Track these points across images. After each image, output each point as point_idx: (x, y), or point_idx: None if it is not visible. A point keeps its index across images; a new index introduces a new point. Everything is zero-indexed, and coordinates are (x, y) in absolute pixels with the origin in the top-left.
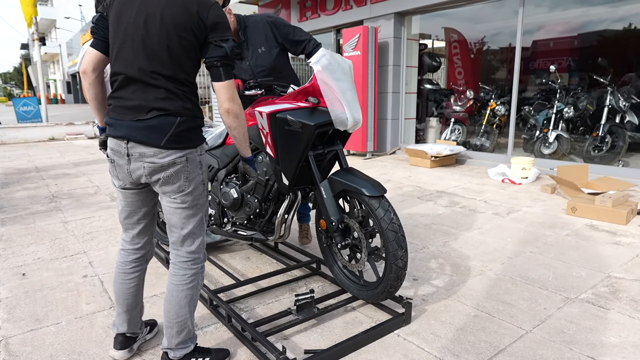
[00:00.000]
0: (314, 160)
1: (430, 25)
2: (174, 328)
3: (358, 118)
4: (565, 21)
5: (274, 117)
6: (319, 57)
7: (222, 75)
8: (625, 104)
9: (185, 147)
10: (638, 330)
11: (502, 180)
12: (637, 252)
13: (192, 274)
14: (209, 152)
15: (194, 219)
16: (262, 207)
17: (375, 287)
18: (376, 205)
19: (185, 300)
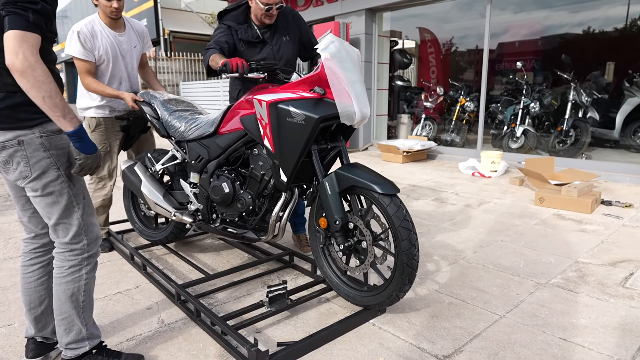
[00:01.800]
0: (318, 155)
1: (401, 23)
2: (61, 326)
3: (366, 113)
4: (530, 24)
5: (274, 107)
6: (327, 43)
7: (6, 25)
8: (587, 99)
9: (13, 127)
10: (606, 311)
11: (472, 174)
12: (602, 238)
13: (71, 266)
14: (197, 142)
15: (56, 207)
16: (255, 204)
17: (381, 292)
18: (388, 202)
19: (65, 295)
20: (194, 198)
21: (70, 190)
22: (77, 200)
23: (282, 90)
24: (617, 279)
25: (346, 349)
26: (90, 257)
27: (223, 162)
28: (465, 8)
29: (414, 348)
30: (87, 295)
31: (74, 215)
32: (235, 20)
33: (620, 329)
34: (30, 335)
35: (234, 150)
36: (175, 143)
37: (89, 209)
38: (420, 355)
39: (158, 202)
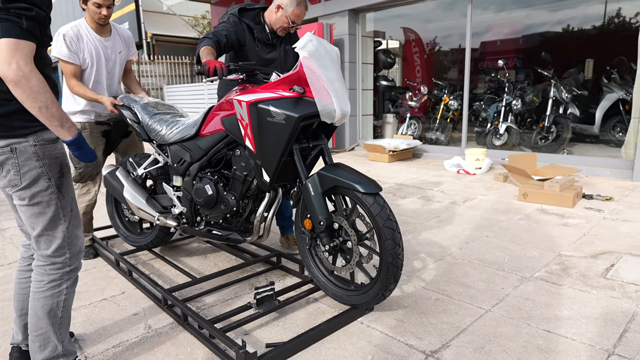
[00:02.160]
0: (299, 155)
1: (384, 23)
2: (35, 342)
3: (346, 110)
4: (511, 23)
5: (254, 107)
6: (305, 42)
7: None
8: (567, 95)
9: (7, 135)
10: (588, 302)
11: (457, 171)
12: (583, 231)
13: (51, 281)
14: (179, 144)
15: (41, 218)
16: (239, 205)
17: (367, 291)
18: (371, 202)
19: (43, 311)
20: (177, 201)
21: (58, 202)
22: (64, 212)
23: (261, 90)
24: (598, 270)
25: (335, 347)
26: (71, 272)
27: (205, 164)
28: (448, 8)
29: (402, 345)
30: (66, 310)
31: (59, 227)
32: (253, 20)
33: (602, 319)
34: (16, 343)
35: (216, 152)
36: (157, 146)
37: (75, 221)
38: (408, 352)
39: (141, 207)
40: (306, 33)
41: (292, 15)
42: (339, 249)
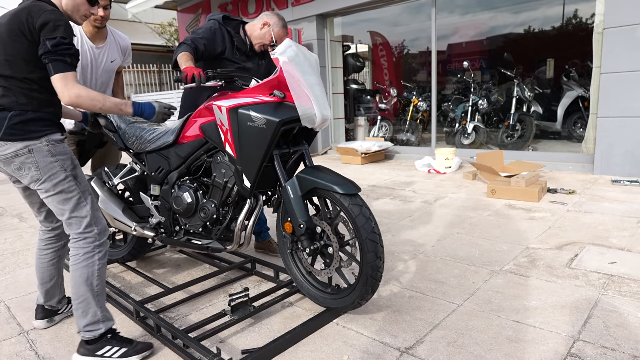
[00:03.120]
0: (280, 160)
1: (352, 27)
2: (79, 309)
3: (327, 115)
4: (476, 25)
5: (234, 112)
6: (285, 47)
7: (51, 70)
8: (529, 94)
9: (24, 138)
10: (554, 292)
11: (428, 171)
12: (549, 224)
13: (85, 253)
14: (157, 153)
15: (67, 203)
16: (219, 213)
17: (344, 297)
18: (349, 203)
19: (82, 279)
20: (155, 211)
21: (77, 188)
22: (84, 196)
23: (241, 95)
24: (563, 261)
25: (311, 350)
26: (101, 245)
27: (184, 172)
28: (415, 11)
29: (377, 343)
30: (100, 280)
31: (84, 209)
32: (234, 29)
33: (567, 307)
34: (40, 303)
35: (195, 159)
36: (134, 155)
37: (95, 204)
38: (383, 350)
39: (117, 217)
40: (285, 39)
41: (277, 35)
42: (320, 251)
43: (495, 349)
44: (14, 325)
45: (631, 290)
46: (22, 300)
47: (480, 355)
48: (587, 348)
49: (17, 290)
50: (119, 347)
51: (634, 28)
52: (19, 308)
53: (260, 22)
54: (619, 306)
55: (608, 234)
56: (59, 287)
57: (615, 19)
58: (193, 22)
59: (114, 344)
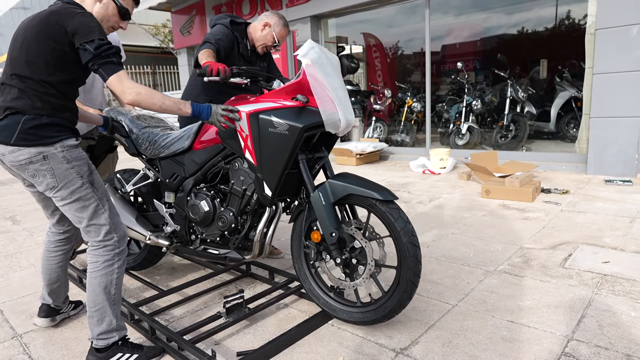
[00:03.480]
0: (306, 165)
1: (347, 29)
2: (94, 317)
3: (351, 119)
4: (470, 26)
5: (255, 118)
6: (307, 49)
7: (104, 75)
8: (523, 95)
9: (38, 144)
10: (548, 291)
11: (423, 172)
12: (543, 224)
13: (105, 261)
14: (171, 159)
15: (85, 211)
16: (237, 222)
17: (378, 307)
18: (391, 212)
19: (100, 287)
20: (170, 219)
21: (95, 195)
22: (102, 202)
23: (262, 100)
24: (557, 260)
25: (306, 351)
26: (120, 253)
27: (200, 179)
28: (409, 13)
29: (373, 344)
30: (117, 289)
31: (102, 216)
32: (240, 35)
33: (561, 307)
34: (47, 302)
35: (212, 166)
36: (147, 161)
37: (113, 210)
38: (378, 351)
39: (130, 226)
40: (307, 40)
41: (278, 35)
42: (349, 262)
43: (490, 349)
44: (7, 329)
45: (624, 289)
46: (15, 304)
47: (475, 356)
48: (581, 347)
49: (10, 293)
50: (130, 354)
51: (626, 29)
52: (12, 312)
53: (260, 23)
54: (612, 305)
55: (601, 233)
56: (64, 287)
57: (607, 20)
58: (187, 23)
59: (125, 351)
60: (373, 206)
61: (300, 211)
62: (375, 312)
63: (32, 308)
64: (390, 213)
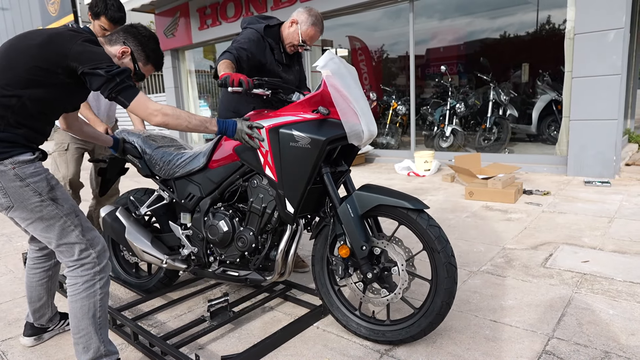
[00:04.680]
0: (331, 178)
1: (332, 32)
2: (79, 344)
3: (374, 130)
4: (454, 30)
5: (275, 132)
6: (326, 60)
7: (125, 102)
8: (505, 98)
9: None
10: (530, 291)
11: (407, 174)
12: (525, 225)
13: (85, 282)
14: (187, 178)
15: (51, 231)
16: (258, 241)
17: (408, 326)
18: (426, 226)
19: (82, 312)
20: (186, 241)
21: (59, 212)
22: (70, 219)
23: (281, 114)
24: (538, 260)
25: (291, 354)
26: (102, 271)
27: (217, 198)
28: (394, 16)
29: (358, 346)
30: (102, 311)
31: (71, 234)
32: (274, 39)
33: (542, 306)
34: (30, 321)
35: (230, 184)
36: (161, 182)
37: (86, 224)
38: (363, 352)
39: (146, 250)
40: (327, 51)
41: (305, 34)
42: (379, 277)
43: (473, 348)
44: None
45: (603, 287)
46: None
47: (459, 355)
48: (562, 345)
49: None
50: None
51: (603, 34)
52: None
53: (289, 20)
54: (591, 304)
55: (581, 233)
56: (49, 307)
57: (586, 25)
58: (171, 25)
59: None
60: (404, 217)
61: (324, 226)
62: (405, 331)
63: (9, 315)
64: (431, 231)
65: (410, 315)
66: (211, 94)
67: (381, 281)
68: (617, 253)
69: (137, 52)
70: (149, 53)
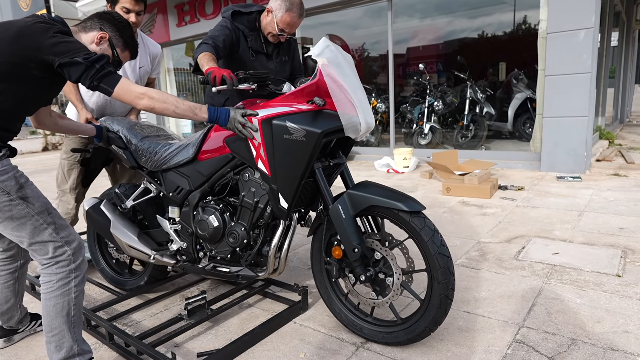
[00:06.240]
0: (322, 175)
1: (312, 30)
2: (52, 343)
3: (371, 122)
4: (433, 29)
5: (268, 124)
6: (322, 47)
7: (108, 89)
8: (481, 96)
9: None
10: (502, 283)
11: (387, 171)
12: (499, 219)
13: (60, 279)
14: (175, 170)
15: (22, 230)
16: (250, 237)
17: (410, 325)
18: (420, 225)
19: (56, 310)
20: (175, 236)
21: (30, 211)
22: (42, 217)
23: (274, 104)
24: (511, 253)
25: (268, 349)
26: (77, 269)
27: (207, 192)
28: (375, 15)
29: (334, 339)
30: (77, 309)
31: (44, 232)
32: (248, 26)
33: (514, 297)
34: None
35: (220, 177)
36: (148, 174)
37: (60, 222)
38: (339, 345)
39: (133, 245)
40: (322, 38)
41: (281, 22)
42: (374, 279)
43: (446, 339)
44: None
45: (571, 278)
46: None
47: (432, 346)
48: (531, 334)
49: None
50: None
51: (574, 33)
52: None
53: (265, 9)
54: (560, 293)
55: (552, 226)
56: (17, 309)
57: (557, 24)
58: (148, 22)
59: None
60: (396, 216)
61: (319, 224)
62: (407, 331)
63: None
64: (415, 222)
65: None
66: (191, 92)
67: (373, 282)
68: (586, 245)
69: (115, 37)
70: (127, 39)
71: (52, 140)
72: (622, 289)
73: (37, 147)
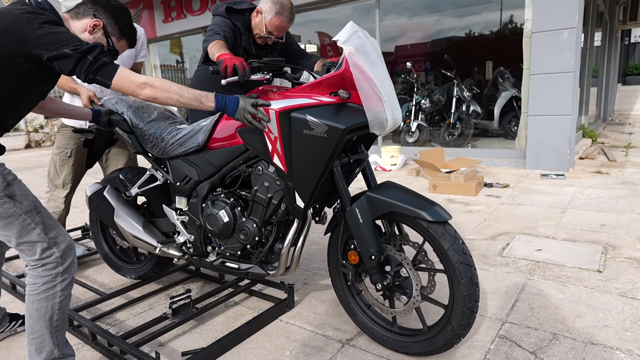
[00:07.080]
0: (341, 174)
1: (301, 28)
2: (32, 345)
3: (398, 118)
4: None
5: (286, 117)
6: (349, 33)
7: (106, 81)
8: (468, 94)
9: None
10: (487, 279)
11: (375, 168)
12: (485, 216)
13: (45, 282)
14: (183, 158)
15: (10, 229)
16: (262, 234)
17: (432, 337)
18: (441, 233)
19: (38, 314)
20: (182, 227)
21: (18, 209)
22: (30, 216)
23: (293, 95)
24: (496, 250)
25: (254, 347)
26: (65, 272)
27: (217, 183)
28: (364, 13)
29: (320, 336)
30: (61, 313)
31: (32, 232)
32: (243, 24)
33: (498, 293)
34: None
35: (231, 169)
36: (154, 161)
37: (49, 221)
38: (325, 342)
39: (137, 235)
40: (349, 22)
41: (270, 24)
42: (393, 286)
43: None
44: None
45: (554, 274)
46: None
47: None
48: (514, 329)
49: None
50: None
51: (558, 33)
52: None
53: (255, 9)
54: (542, 289)
55: (536, 223)
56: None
57: (542, 24)
58: (135, 17)
59: None
60: (415, 223)
61: (336, 225)
62: (428, 343)
63: None
64: (434, 229)
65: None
66: None
67: (400, 288)
68: (569, 241)
69: (110, 25)
70: (123, 26)
71: (35, 137)
72: (602, 284)
73: (19, 145)
